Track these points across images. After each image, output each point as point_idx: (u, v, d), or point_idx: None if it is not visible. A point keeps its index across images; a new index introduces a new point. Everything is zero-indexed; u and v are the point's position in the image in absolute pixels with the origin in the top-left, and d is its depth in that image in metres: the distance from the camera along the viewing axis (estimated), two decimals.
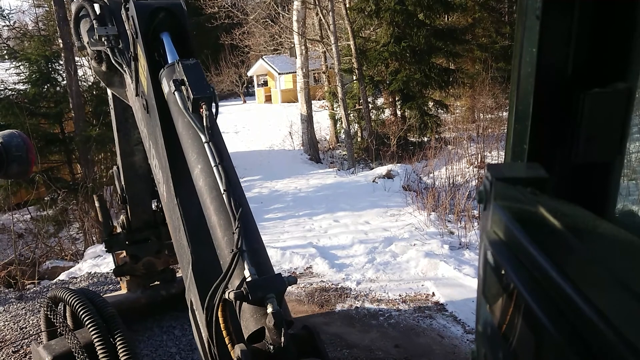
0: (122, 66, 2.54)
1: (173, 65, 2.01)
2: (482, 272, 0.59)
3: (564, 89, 0.62)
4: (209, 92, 1.90)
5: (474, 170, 10.70)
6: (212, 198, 1.75)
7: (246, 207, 1.72)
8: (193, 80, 1.90)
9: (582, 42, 0.60)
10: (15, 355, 4.34)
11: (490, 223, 0.56)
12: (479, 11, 17.95)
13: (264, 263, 1.62)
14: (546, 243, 0.47)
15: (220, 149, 1.80)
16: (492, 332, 0.56)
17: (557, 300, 0.43)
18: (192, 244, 1.93)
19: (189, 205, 1.97)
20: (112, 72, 2.87)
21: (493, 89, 15.18)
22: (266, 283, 1.47)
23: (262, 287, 1.44)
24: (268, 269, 1.61)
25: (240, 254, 1.54)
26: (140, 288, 4.21)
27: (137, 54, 2.25)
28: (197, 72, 1.95)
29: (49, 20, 13.73)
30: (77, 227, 8.77)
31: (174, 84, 1.94)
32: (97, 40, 2.67)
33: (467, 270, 5.57)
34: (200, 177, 1.82)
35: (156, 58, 2.20)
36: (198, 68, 1.97)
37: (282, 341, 1.39)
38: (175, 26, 2.21)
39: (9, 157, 1.58)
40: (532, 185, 0.55)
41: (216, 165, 1.73)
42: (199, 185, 1.83)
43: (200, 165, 1.83)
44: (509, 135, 0.69)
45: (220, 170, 1.72)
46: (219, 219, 1.70)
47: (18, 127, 8.20)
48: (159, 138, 2.17)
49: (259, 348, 1.45)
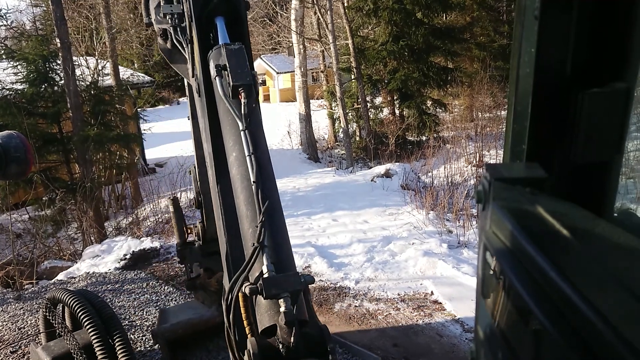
0: (182, 45, 2.53)
1: (219, 49, 1.99)
2: (481, 272, 0.59)
3: (562, 89, 0.62)
4: (249, 79, 1.86)
5: (473, 169, 10.71)
6: (242, 188, 1.73)
7: (275, 200, 1.70)
8: (234, 66, 1.87)
9: (581, 42, 0.60)
10: (14, 355, 4.34)
11: (489, 223, 0.56)
12: (477, 10, 17.95)
13: (284, 260, 1.60)
14: (545, 243, 0.47)
15: (256, 138, 1.77)
16: (491, 332, 0.56)
17: (556, 300, 0.43)
18: (228, 234, 1.90)
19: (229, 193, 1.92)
20: (175, 50, 2.84)
21: (491, 87, 15.20)
22: (282, 281, 1.45)
23: (277, 285, 1.43)
24: (288, 266, 1.59)
25: (260, 248, 1.52)
26: (215, 305, 3.86)
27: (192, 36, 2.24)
28: (239, 57, 1.91)
29: (47, 20, 13.71)
30: (75, 227, 8.75)
31: (215, 68, 1.92)
32: (162, 17, 2.66)
33: (465, 269, 5.57)
34: (234, 165, 1.80)
35: (211, 42, 2.18)
36: (241, 53, 1.94)
37: (292, 342, 1.39)
38: (230, 11, 2.21)
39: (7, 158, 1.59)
40: (531, 185, 0.55)
41: (249, 154, 1.70)
42: (232, 173, 1.81)
43: (235, 153, 1.81)
44: (507, 135, 0.69)
45: (253, 160, 1.69)
46: (247, 210, 1.69)
47: (16, 127, 8.18)
48: (205, 122, 2.17)
49: (270, 343, 1.45)
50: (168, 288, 5.64)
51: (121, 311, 4.98)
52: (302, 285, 1.46)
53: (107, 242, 7.28)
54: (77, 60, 10.34)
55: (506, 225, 0.52)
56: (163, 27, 2.78)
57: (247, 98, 1.83)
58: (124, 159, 10.73)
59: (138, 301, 5.29)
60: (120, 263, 6.55)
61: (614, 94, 0.60)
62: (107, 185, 10.13)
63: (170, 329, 3.81)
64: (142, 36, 18.59)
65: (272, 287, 1.42)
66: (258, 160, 1.70)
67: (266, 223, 1.56)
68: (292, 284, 1.45)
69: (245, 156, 1.72)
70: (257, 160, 1.70)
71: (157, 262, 6.73)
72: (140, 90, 15.33)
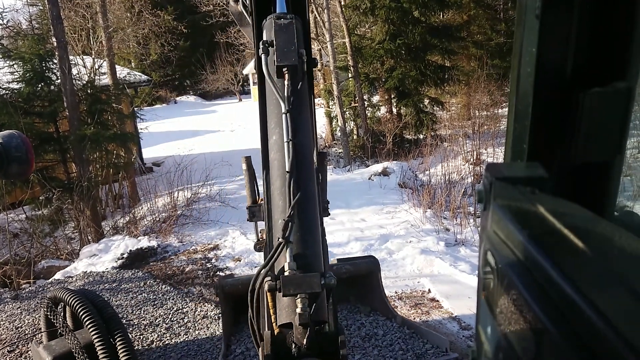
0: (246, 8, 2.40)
1: (271, 19, 1.85)
2: (482, 272, 0.59)
3: (563, 88, 0.62)
4: (294, 59, 1.72)
5: (470, 167, 10.73)
6: (277, 175, 1.65)
7: (309, 193, 1.60)
8: (281, 44, 1.74)
9: (582, 41, 0.60)
10: (11, 355, 4.33)
11: (490, 223, 0.56)
12: (474, 8, 17.96)
13: (310, 258, 1.52)
14: (546, 243, 0.47)
15: (297, 123, 1.66)
16: (492, 332, 0.56)
17: (557, 300, 0.43)
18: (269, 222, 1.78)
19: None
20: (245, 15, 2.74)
21: (488, 86, 15.20)
22: (301, 281, 1.40)
23: (295, 284, 1.39)
24: (313, 264, 1.51)
25: (285, 243, 1.46)
26: None
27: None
28: (288, 34, 1.76)
29: (43, 19, 13.65)
30: (72, 227, 8.73)
31: (263, 45, 1.79)
32: None
33: (462, 266, 5.59)
34: (273, 148, 1.72)
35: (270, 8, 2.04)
36: (290, 30, 1.78)
37: (304, 343, 1.37)
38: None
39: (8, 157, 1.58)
40: (531, 185, 0.55)
41: (288, 141, 1.60)
42: (271, 157, 1.72)
43: (275, 136, 1.72)
44: (508, 135, 0.69)
45: (290, 147, 1.58)
46: (279, 200, 1.61)
47: (12, 126, 8.14)
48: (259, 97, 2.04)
49: (284, 340, 1.43)
50: (165, 287, 5.64)
51: (119, 310, 4.98)
52: (320, 288, 1.40)
53: (105, 241, 7.27)
54: (73, 59, 10.31)
55: (507, 225, 0.52)
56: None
57: (291, 79, 1.70)
58: (121, 158, 10.70)
59: (135, 300, 5.29)
60: (118, 262, 6.54)
61: (615, 93, 0.60)
62: (104, 184, 10.10)
63: (232, 283, 4.01)
64: (139, 35, 18.53)
65: (290, 286, 1.38)
66: (296, 147, 1.59)
67: (295, 217, 1.49)
68: (310, 285, 1.39)
69: (284, 142, 1.61)
70: (295, 148, 1.59)
71: (154, 261, 6.72)
72: (137, 90, 15.29)
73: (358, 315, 4.32)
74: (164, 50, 21.47)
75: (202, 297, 5.42)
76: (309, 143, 1.74)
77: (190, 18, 25.15)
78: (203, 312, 4.96)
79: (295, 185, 1.54)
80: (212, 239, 7.49)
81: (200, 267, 6.43)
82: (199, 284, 5.87)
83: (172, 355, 4.20)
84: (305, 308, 1.36)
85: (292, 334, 1.41)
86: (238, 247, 6.97)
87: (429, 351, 3.74)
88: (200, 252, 7.01)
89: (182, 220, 8.62)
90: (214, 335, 4.49)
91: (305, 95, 1.82)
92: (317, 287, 1.40)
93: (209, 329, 4.61)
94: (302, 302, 1.37)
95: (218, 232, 7.73)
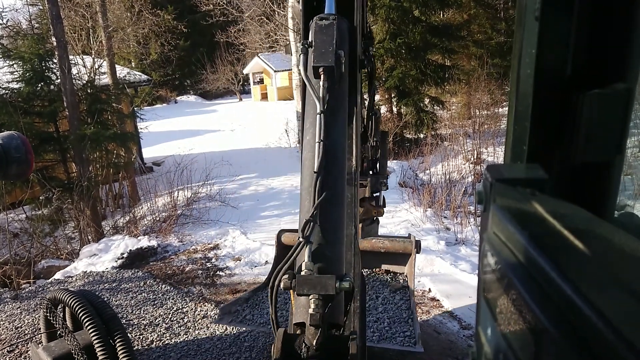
0: None
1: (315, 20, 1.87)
2: (482, 273, 0.59)
3: (563, 89, 0.62)
4: (331, 60, 1.72)
5: (470, 166, 10.73)
6: (306, 175, 1.66)
7: (336, 194, 1.60)
8: (319, 45, 1.75)
9: (582, 42, 0.60)
10: (10, 355, 4.33)
11: (490, 224, 0.56)
12: (475, 7, 17.95)
13: (330, 259, 1.52)
14: (546, 244, 0.47)
15: (329, 124, 1.66)
16: (492, 333, 0.56)
17: (557, 300, 0.43)
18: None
19: None
20: None
21: (489, 85, 15.20)
22: (315, 282, 1.39)
23: (309, 285, 1.38)
24: (330, 266, 1.50)
25: (305, 243, 1.47)
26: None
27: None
28: (327, 36, 1.78)
29: (43, 19, 13.64)
30: (72, 226, 8.73)
31: (302, 45, 1.82)
32: None
33: (463, 266, 5.59)
34: (306, 148, 1.73)
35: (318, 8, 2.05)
36: (330, 31, 1.80)
37: (313, 344, 1.37)
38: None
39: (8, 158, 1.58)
40: (531, 186, 0.55)
41: (319, 141, 1.60)
42: (303, 155, 1.73)
43: (309, 136, 1.73)
44: (508, 136, 0.69)
45: (321, 147, 1.59)
46: (305, 200, 1.61)
47: (12, 126, 8.14)
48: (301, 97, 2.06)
49: (294, 339, 1.43)
50: (165, 287, 5.64)
51: (118, 310, 4.98)
52: (333, 291, 1.39)
53: (105, 241, 7.27)
54: (73, 59, 10.30)
55: (507, 226, 0.52)
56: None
57: (327, 80, 1.71)
58: (121, 157, 10.70)
59: (135, 300, 5.29)
60: (118, 262, 6.54)
61: (615, 94, 0.60)
62: (104, 184, 10.10)
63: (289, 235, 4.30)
64: (139, 35, 18.53)
65: (305, 286, 1.38)
66: (326, 148, 1.59)
67: (318, 217, 1.49)
68: (325, 287, 1.38)
69: (315, 142, 1.62)
70: (325, 149, 1.59)
71: (154, 261, 6.73)
72: (137, 89, 15.28)
73: (385, 290, 4.44)
74: (164, 49, 21.49)
75: (202, 296, 5.42)
76: (342, 144, 1.73)
77: (190, 17, 25.16)
78: (203, 312, 4.96)
79: (321, 186, 1.53)
80: (212, 239, 7.49)
81: (200, 266, 6.43)
82: (199, 284, 5.87)
83: (171, 355, 4.20)
84: (317, 309, 1.36)
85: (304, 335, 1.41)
86: (238, 246, 6.98)
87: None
88: (200, 252, 7.01)
89: (182, 220, 8.63)
90: (214, 335, 4.49)
91: (342, 96, 1.82)
92: (331, 289, 1.39)
93: (209, 328, 4.62)
94: (314, 303, 1.36)
95: (218, 232, 7.74)
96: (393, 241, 4.51)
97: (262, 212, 8.94)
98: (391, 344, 3.75)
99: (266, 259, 6.45)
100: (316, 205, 1.50)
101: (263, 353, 4.18)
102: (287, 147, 15.83)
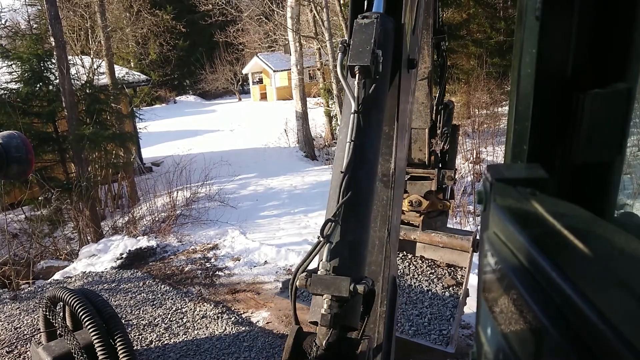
0: None
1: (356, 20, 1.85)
2: (483, 273, 0.59)
3: (563, 89, 0.62)
4: (367, 59, 1.69)
5: (470, 165, 10.73)
6: (336, 174, 1.65)
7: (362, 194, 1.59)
8: (356, 44, 1.73)
9: (582, 42, 0.60)
10: (10, 355, 4.32)
11: (491, 224, 0.56)
12: (474, 7, 17.96)
13: (349, 260, 1.50)
14: (546, 244, 0.47)
15: (362, 124, 1.65)
16: (492, 333, 0.56)
17: (557, 300, 0.43)
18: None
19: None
20: None
21: (488, 84, 15.21)
22: (330, 282, 1.39)
23: (322, 286, 1.38)
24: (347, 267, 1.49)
25: (325, 242, 1.46)
26: None
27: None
28: (365, 35, 1.76)
29: (41, 19, 13.62)
30: (71, 227, 8.73)
31: (341, 44, 1.80)
32: None
33: None
34: (339, 147, 1.73)
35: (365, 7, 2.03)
36: (369, 30, 1.77)
37: (323, 345, 1.36)
38: None
39: (8, 158, 1.57)
40: (532, 186, 0.55)
41: (350, 141, 1.60)
42: (336, 154, 1.73)
43: (342, 135, 1.72)
44: (508, 136, 0.69)
45: (350, 147, 1.58)
46: (331, 199, 1.60)
47: (11, 126, 8.14)
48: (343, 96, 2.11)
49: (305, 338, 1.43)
50: (164, 287, 5.64)
51: (117, 310, 4.98)
52: (347, 293, 1.37)
53: (104, 241, 7.27)
54: (72, 59, 10.31)
55: (507, 226, 0.52)
56: None
57: (363, 80, 1.70)
58: (120, 158, 10.70)
59: (134, 300, 5.29)
60: (117, 262, 6.54)
61: (615, 94, 0.60)
62: (103, 184, 10.09)
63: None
64: (138, 35, 18.51)
65: (319, 286, 1.38)
66: (355, 148, 1.59)
67: (341, 217, 1.48)
68: (338, 289, 1.37)
69: (346, 142, 1.61)
70: (355, 149, 1.58)
71: (153, 261, 6.72)
72: (136, 89, 15.27)
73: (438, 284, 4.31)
74: (163, 49, 21.46)
75: (201, 296, 5.42)
76: (374, 145, 1.71)
77: (189, 17, 25.12)
78: (202, 312, 4.96)
79: (346, 186, 1.52)
80: (211, 239, 7.49)
81: (199, 266, 6.43)
82: (198, 284, 5.87)
83: (171, 355, 4.20)
84: (329, 310, 1.35)
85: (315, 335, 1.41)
86: (237, 246, 6.98)
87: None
88: (199, 252, 7.01)
89: (181, 220, 8.62)
90: (213, 335, 4.49)
91: (379, 96, 1.79)
92: (345, 291, 1.37)
93: (208, 328, 4.61)
94: (327, 304, 1.36)
95: (217, 232, 7.74)
96: (451, 237, 4.38)
97: (261, 212, 8.94)
98: (424, 340, 3.69)
99: (265, 259, 6.45)
100: (340, 205, 1.50)
101: (262, 353, 4.18)
102: (286, 147, 15.83)
